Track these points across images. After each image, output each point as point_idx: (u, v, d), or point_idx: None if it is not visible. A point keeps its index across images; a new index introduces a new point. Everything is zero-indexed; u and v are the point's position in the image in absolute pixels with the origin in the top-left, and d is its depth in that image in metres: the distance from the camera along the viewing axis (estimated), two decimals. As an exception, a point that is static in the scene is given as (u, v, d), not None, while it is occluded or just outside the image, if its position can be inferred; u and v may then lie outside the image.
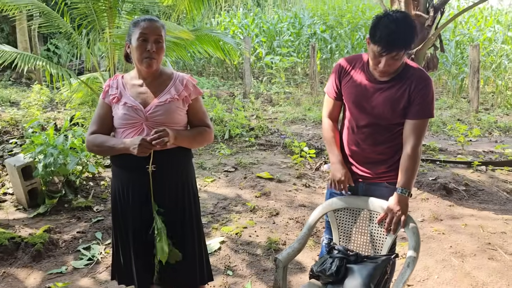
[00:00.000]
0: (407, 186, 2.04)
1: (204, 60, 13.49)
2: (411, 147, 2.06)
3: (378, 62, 1.98)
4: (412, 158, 2.06)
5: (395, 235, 2.09)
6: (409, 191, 2.05)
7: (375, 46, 1.95)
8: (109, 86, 2.13)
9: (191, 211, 2.19)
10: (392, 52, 1.92)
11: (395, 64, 1.99)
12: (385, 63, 1.95)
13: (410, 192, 2.05)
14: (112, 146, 2.04)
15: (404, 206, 2.03)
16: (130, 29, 2.06)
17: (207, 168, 5.28)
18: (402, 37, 1.92)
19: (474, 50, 8.83)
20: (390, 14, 1.98)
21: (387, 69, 1.99)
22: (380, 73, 2.04)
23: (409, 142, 2.07)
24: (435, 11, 4.13)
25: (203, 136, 2.17)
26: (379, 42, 1.92)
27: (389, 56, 1.94)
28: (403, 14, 1.98)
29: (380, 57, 1.96)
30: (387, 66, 1.97)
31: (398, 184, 2.06)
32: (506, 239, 3.48)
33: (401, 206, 2.03)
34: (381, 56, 1.95)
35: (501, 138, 7.16)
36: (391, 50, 1.92)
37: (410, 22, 1.96)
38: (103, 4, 5.65)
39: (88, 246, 3.43)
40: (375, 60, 1.99)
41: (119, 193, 2.12)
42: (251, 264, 3.18)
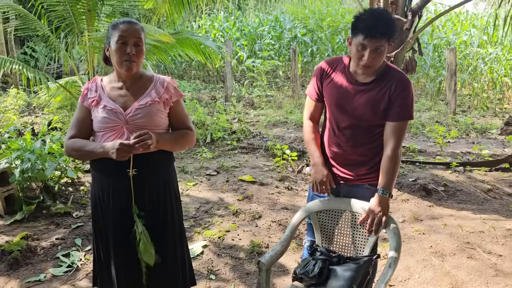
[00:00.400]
0: (388, 187, 2.06)
1: (185, 64, 13.43)
2: (392, 148, 2.08)
3: (361, 56, 1.99)
4: (393, 160, 2.08)
5: (377, 235, 2.11)
6: (390, 192, 2.07)
7: (357, 38, 1.97)
8: (88, 89, 2.10)
9: (173, 215, 2.16)
10: (375, 37, 1.94)
11: (379, 58, 2.00)
12: (368, 55, 1.96)
13: (390, 193, 2.07)
14: (91, 151, 2.00)
15: (385, 207, 2.05)
16: (109, 31, 2.03)
17: (189, 172, 5.24)
18: (384, 25, 1.96)
19: (451, 53, 9.02)
20: (370, 9, 2.05)
21: (370, 62, 1.98)
22: (364, 69, 2.03)
23: (389, 143, 2.09)
24: (413, 15, 4.21)
25: (185, 139, 2.15)
26: (362, 30, 1.95)
27: (373, 46, 1.95)
28: (382, 8, 2.05)
29: (363, 50, 1.98)
30: (371, 59, 1.97)
31: (379, 185, 2.07)
32: (484, 238, 3.55)
33: (382, 207, 2.05)
34: (364, 49, 1.97)
35: (478, 139, 7.31)
36: (374, 35, 1.93)
37: (390, 15, 2.03)
38: (82, 6, 5.57)
39: (67, 252, 3.36)
40: (358, 54, 2.00)
41: (99, 198, 2.09)
42: (234, 267, 3.17)
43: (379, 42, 1.96)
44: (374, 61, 2.00)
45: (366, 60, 1.98)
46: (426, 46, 11.33)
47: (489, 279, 2.98)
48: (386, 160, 2.09)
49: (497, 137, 7.42)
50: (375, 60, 2.00)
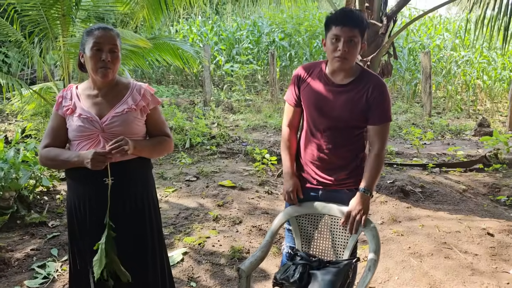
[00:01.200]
0: (370, 187, 2.10)
1: (163, 68, 13.32)
2: (377, 149, 2.13)
3: (336, 48, 2.04)
4: (377, 161, 2.13)
5: (356, 238, 2.12)
6: (371, 191, 2.10)
7: (332, 30, 2.04)
8: (63, 97, 2.06)
9: (151, 223, 2.13)
10: (348, 26, 2.00)
11: (353, 50, 2.04)
12: (343, 45, 2.01)
13: (371, 192, 2.10)
14: (66, 160, 1.96)
15: (366, 206, 2.08)
16: (83, 38, 2.00)
17: (168, 178, 5.19)
18: (355, 17, 2.04)
19: (425, 57, 9.21)
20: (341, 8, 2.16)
21: (345, 52, 2.02)
22: (340, 61, 2.05)
23: (375, 145, 2.15)
24: (388, 20, 4.28)
25: (163, 146, 2.13)
26: (335, 21, 2.03)
27: (346, 35, 2.00)
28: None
29: (337, 42, 2.03)
30: (346, 48, 2.01)
31: (362, 184, 2.11)
32: (460, 238, 3.62)
33: (363, 205, 2.07)
34: (338, 39, 2.02)
35: (452, 141, 7.48)
36: (347, 24, 2.00)
37: (360, 12, 2.14)
38: (56, 11, 5.46)
39: (43, 263, 3.27)
40: (332, 47, 2.05)
41: (76, 208, 2.04)
42: (214, 274, 3.14)
43: (352, 32, 2.02)
44: (348, 54, 2.04)
45: (341, 49, 2.02)
46: (401, 49, 11.55)
47: (466, 278, 3.04)
48: (371, 160, 2.14)
49: (471, 138, 7.61)
50: (349, 52, 2.04)
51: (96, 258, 1.92)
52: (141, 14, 5.68)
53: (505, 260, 3.29)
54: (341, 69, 2.11)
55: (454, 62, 11.05)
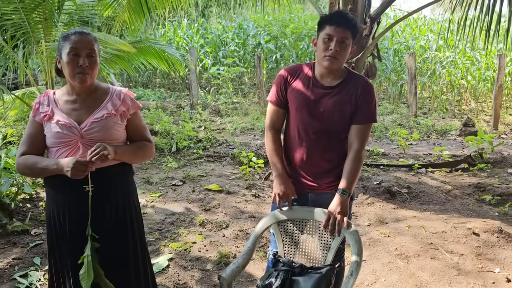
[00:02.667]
0: (348, 188, 2.08)
1: (149, 72, 13.24)
2: (356, 150, 2.12)
3: (327, 47, 2.03)
4: (356, 161, 2.12)
5: (340, 241, 2.11)
6: (350, 192, 2.09)
7: (325, 30, 2.05)
8: (40, 103, 2.02)
9: (133, 230, 2.09)
10: (342, 27, 2.01)
11: (343, 52, 2.04)
12: (335, 45, 2.01)
13: (350, 193, 2.09)
14: (44, 168, 1.92)
15: (345, 207, 2.07)
16: (59, 43, 1.96)
17: (154, 183, 5.14)
18: (349, 20, 2.06)
19: (410, 57, 9.28)
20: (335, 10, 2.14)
21: (337, 52, 2.02)
22: (330, 61, 2.04)
23: (353, 146, 2.13)
24: (372, 21, 4.29)
25: (144, 151, 2.10)
26: (329, 21, 2.04)
27: (339, 36, 2.01)
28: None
29: (330, 41, 2.03)
30: (337, 48, 2.01)
31: (340, 186, 2.09)
32: (447, 238, 3.63)
33: (342, 207, 2.06)
34: (331, 39, 2.02)
35: (438, 141, 7.53)
36: (340, 25, 2.01)
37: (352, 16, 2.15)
38: (38, 15, 5.37)
39: (25, 273, 3.20)
40: (324, 46, 2.04)
41: (54, 217, 2.00)
42: (201, 280, 3.11)
43: (344, 33, 2.02)
44: (339, 54, 2.04)
45: (333, 49, 2.02)
46: (386, 51, 11.63)
47: (452, 278, 3.04)
48: (349, 161, 2.12)
49: (456, 138, 7.68)
50: (340, 53, 2.04)
51: (83, 272, 1.89)
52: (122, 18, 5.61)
53: (491, 259, 3.31)
54: (330, 70, 2.10)
55: (439, 62, 11.16)
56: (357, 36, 2.13)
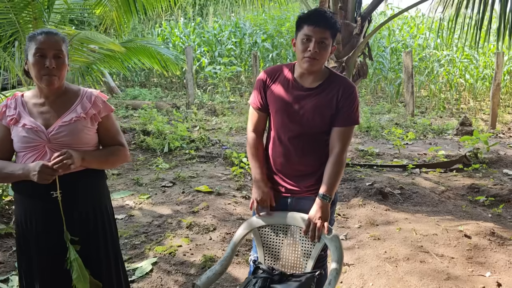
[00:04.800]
0: (329, 193, 2.02)
1: (146, 71, 13.18)
2: (337, 153, 2.06)
3: (306, 48, 1.97)
4: (337, 165, 2.05)
5: (320, 248, 2.04)
6: (330, 197, 2.02)
7: (303, 30, 1.98)
8: (7, 106, 1.96)
9: (105, 236, 2.03)
10: (320, 26, 1.94)
11: (323, 52, 1.98)
12: (313, 45, 1.95)
13: (331, 198, 2.02)
14: (10, 173, 1.86)
15: (325, 212, 2.00)
16: (26, 44, 1.89)
17: (144, 184, 5.07)
18: (327, 19, 1.98)
19: (407, 56, 9.20)
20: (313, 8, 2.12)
21: (317, 54, 1.96)
22: (309, 61, 1.98)
23: (335, 149, 2.07)
24: (363, 20, 4.21)
25: (117, 155, 2.04)
26: (307, 20, 1.97)
27: (318, 36, 1.95)
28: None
29: (308, 42, 1.96)
30: (316, 49, 1.95)
31: (321, 190, 2.03)
32: (437, 241, 3.56)
33: (322, 212, 1.99)
34: (309, 39, 1.96)
35: (434, 140, 7.45)
36: (318, 24, 1.94)
37: (332, 14, 2.07)
38: (27, 15, 5.31)
39: (6, 278, 3.14)
40: (303, 47, 1.98)
41: (22, 223, 1.94)
42: (184, 285, 3.04)
43: (323, 34, 1.96)
44: (319, 55, 1.98)
45: (312, 50, 1.96)
46: (384, 49, 11.54)
47: (441, 283, 2.97)
48: (330, 165, 2.06)
49: (453, 138, 7.59)
50: (320, 53, 1.98)
51: (76, 276, 1.85)
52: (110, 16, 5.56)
53: (481, 263, 3.24)
54: (310, 71, 2.03)
55: (437, 61, 11.06)
56: (337, 35, 2.06)
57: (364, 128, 8.05)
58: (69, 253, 1.88)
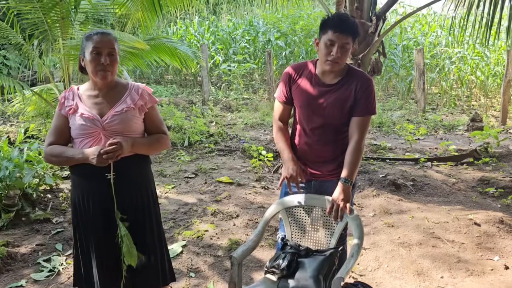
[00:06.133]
0: (350, 177, 2.25)
1: (161, 69, 13.47)
2: (356, 141, 2.28)
3: (329, 52, 2.17)
4: (356, 152, 2.27)
5: (342, 227, 2.27)
6: (352, 181, 2.25)
7: (327, 34, 2.17)
8: (65, 98, 2.20)
9: (150, 214, 2.27)
10: (344, 33, 2.14)
11: (345, 54, 2.19)
12: (337, 50, 2.15)
13: (352, 182, 2.25)
14: (71, 157, 2.10)
15: (347, 195, 2.23)
16: (83, 43, 2.13)
17: (168, 175, 5.34)
18: (351, 24, 2.18)
19: (418, 53, 9.35)
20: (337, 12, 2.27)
21: (339, 58, 2.17)
22: (332, 64, 2.20)
23: (354, 137, 2.29)
24: (378, 19, 4.42)
25: (160, 143, 2.27)
26: (332, 27, 2.16)
27: (341, 42, 2.15)
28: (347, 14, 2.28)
29: (332, 46, 2.16)
30: (339, 54, 2.16)
31: (342, 175, 2.25)
32: (448, 228, 3.77)
33: (344, 194, 2.22)
34: (333, 44, 2.16)
35: (445, 136, 7.62)
36: (342, 32, 2.14)
37: (354, 19, 2.27)
38: (55, 14, 5.58)
39: (48, 258, 3.41)
40: (326, 50, 2.18)
41: (79, 202, 2.18)
42: (213, 265, 3.29)
43: (346, 39, 2.16)
44: (341, 58, 2.19)
45: (335, 55, 2.17)
46: (395, 47, 11.69)
47: (452, 265, 3.18)
48: (350, 152, 2.28)
49: (463, 133, 7.75)
50: (342, 56, 2.19)
51: (126, 249, 2.08)
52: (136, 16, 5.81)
53: (490, 248, 3.44)
54: (331, 71, 2.26)
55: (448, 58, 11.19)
56: (358, 36, 2.28)
57: (376, 123, 8.25)
58: (119, 229, 2.11)
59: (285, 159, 2.40)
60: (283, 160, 2.42)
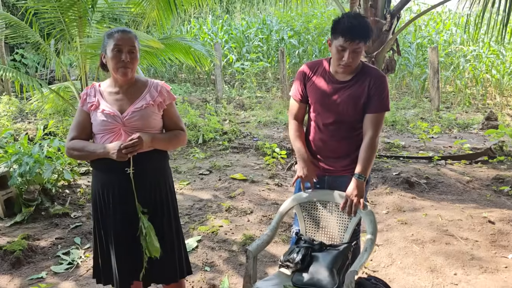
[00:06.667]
0: (364, 173, 2.28)
1: (175, 67, 13.59)
2: (370, 138, 2.31)
3: (341, 57, 2.20)
4: (370, 148, 2.31)
5: (356, 222, 2.30)
6: (365, 177, 2.28)
7: (338, 40, 2.19)
8: (87, 95, 2.27)
9: (168, 207, 2.32)
10: (355, 41, 2.15)
11: (357, 58, 2.22)
12: (348, 55, 2.18)
13: (366, 178, 2.28)
14: (92, 151, 2.17)
15: (361, 190, 2.27)
16: (104, 40, 2.20)
17: (182, 172, 5.42)
18: (362, 29, 2.19)
19: (433, 52, 9.29)
20: (348, 13, 2.29)
21: (350, 62, 2.20)
22: (344, 68, 2.24)
23: (368, 133, 2.32)
24: (392, 17, 4.43)
25: (178, 139, 2.33)
26: (342, 34, 2.17)
27: (352, 48, 2.17)
28: (359, 13, 2.30)
29: (343, 51, 2.19)
30: (351, 59, 2.19)
31: (356, 171, 2.29)
32: (462, 226, 3.77)
33: (358, 190, 2.26)
34: (344, 50, 2.18)
35: (460, 134, 7.57)
36: (353, 39, 2.15)
37: (366, 20, 2.27)
38: (73, 13, 5.70)
39: (67, 251, 3.51)
40: (338, 55, 2.21)
41: (99, 195, 2.25)
42: (227, 259, 3.35)
43: (357, 45, 2.19)
44: (353, 62, 2.23)
45: (346, 60, 2.21)
46: (409, 45, 11.62)
47: (465, 262, 3.19)
48: (364, 149, 2.31)
49: (478, 132, 7.69)
50: (354, 60, 2.22)
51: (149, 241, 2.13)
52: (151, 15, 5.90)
53: (504, 246, 3.44)
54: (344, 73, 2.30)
55: (463, 56, 11.09)
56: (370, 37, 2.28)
57: (390, 122, 8.22)
58: (141, 222, 2.16)
59: (300, 158, 2.45)
60: (298, 159, 2.47)
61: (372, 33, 2.26)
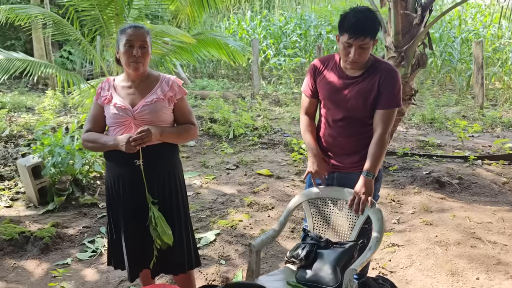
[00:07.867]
0: (373, 170, 2.23)
1: (214, 63, 13.77)
2: (379, 134, 2.25)
3: (348, 53, 2.16)
4: (379, 145, 2.25)
5: (363, 221, 2.25)
6: (374, 174, 2.23)
7: (344, 36, 2.14)
8: (102, 89, 2.36)
9: (177, 199, 2.37)
10: (360, 37, 2.10)
11: (364, 54, 2.16)
12: (354, 52, 2.13)
13: (374, 175, 2.23)
14: (104, 143, 2.26)
15: (369, 188, 2.21)
16: (118, 36, 2.28)
17: (210, 166, 5.49)
18: (368, 24, 2.13)
19: (477, 46, 8.86)
20: (355, 7, 2.20)
21: (357, 58, 2.15)
22: (351, 64, 2.19)
23: (377, 130, 2.26)
24: (423, 10, 4.26)
25: (188, 133, 2.37)
26: (347, 30, 2.12)
27: (358, 44, 2.11)
28: (366, 6, 2.22)
29: (349, 48, 2.14)
30: (357, 55, 2.14)
31: (365, 168, 2.24)
32: (491, 229, 3.59)
33: (366, 188, 2.21)
34: (350, 46, 2.14)
35: (503, 133, 7.18)
36: (358, 36, 2.10)
37: (374, 13, 2.19)
38: (111, 11, 5.91)
39: (92, 239, 3.66)
40: (345, 52, 2.17)
41: (112, 186, 2.33)
42: (243, 254, 3.37)
43: (363, 41, 2.13)
44: (360, 58, 2.17)
45: (352, 57, 2.16)
46: (453, 39, 11.13)
47: (490, 267, 3.04)
48: (373, 145, 2.26)
49: (524, 131, 7.28)
50: (360, 56, 2.17)
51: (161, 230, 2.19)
52: (185, 11, 6.01)
53: (536, 252, 3.25)
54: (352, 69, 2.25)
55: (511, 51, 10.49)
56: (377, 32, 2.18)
57: (428, 120, 7.94)
58: (152, 212, 2.22)
59: (310, 153, 2.43)
60: (309, 155, 2.45)
61: (379, 28, 2.18)
